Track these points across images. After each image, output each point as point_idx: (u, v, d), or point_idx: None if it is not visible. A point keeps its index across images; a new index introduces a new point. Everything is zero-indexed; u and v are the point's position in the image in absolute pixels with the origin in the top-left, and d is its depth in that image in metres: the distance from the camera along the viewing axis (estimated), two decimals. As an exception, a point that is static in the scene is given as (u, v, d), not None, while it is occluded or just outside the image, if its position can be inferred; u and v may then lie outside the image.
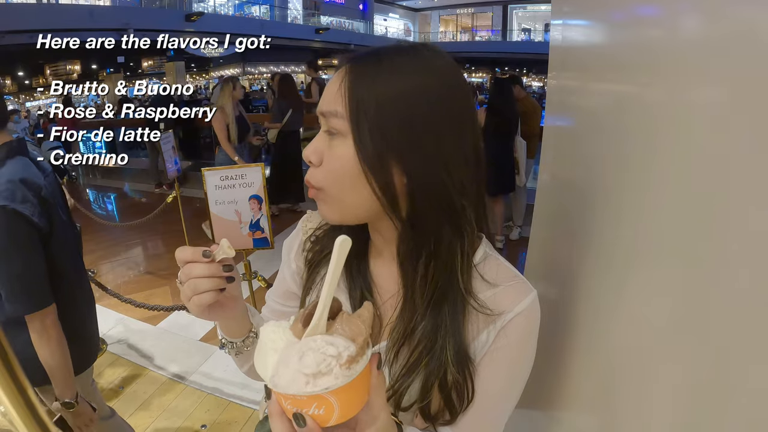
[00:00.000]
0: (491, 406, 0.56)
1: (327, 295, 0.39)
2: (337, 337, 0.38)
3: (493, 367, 0.55)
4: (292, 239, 0.71)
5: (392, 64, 0.51)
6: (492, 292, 0.55)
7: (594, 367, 0.69)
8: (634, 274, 0.58)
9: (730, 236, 0.40)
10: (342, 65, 0.53)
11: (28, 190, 1.08)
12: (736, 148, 0.39)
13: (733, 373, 0.38)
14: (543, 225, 1.11)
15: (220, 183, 2.03)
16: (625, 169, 0.62)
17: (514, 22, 23.98)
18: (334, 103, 0.52)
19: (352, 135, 0.50)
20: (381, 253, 0.62)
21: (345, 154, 0.51)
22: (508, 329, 0.54)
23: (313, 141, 0.54)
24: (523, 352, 0.56)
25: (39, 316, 1.08)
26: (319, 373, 0.36)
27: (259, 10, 18.22)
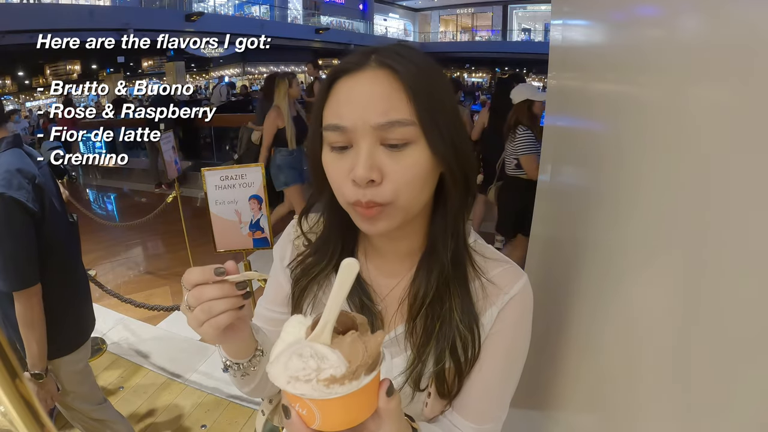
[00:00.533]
0: (495, 386, 0.60)
1: (331, 311, 0.40)
2: (332, 352, 0.38)
3: (493, 349, 0.59)
4: (283, 246, 0.69)
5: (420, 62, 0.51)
6: (492, 273, 0.60)
7: (593, 367, 0.69)
8: (633, 274, 0.58)
9: (729, 236, 0.40)
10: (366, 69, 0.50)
11: (23, 179, 1.20)
12: (736, 148, 0.39)
13: (732, 373, 0.39)
14: (543, 225, 1.11)
15: (220, 183, 2.03)
16: (625, 169, 0.62)
17: (514, 22, 23.97)
18: (395, 111, 0.49)
19: (425, 139, 0.50)
20: (380, 253, 0.62)
21: (419, 161, 0.50)
22: (506, 311, 0.59)
23: (364, 159, 0.49)
24: (520, 332, 0.60)
25: (25, 294, 1.21)
26: (296, 378, 0.37)
27: (259, 10, 18.21)
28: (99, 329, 2.63)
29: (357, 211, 0.52)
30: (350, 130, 0.49)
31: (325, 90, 0.53)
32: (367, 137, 0.49)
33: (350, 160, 0.50)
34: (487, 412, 0.61)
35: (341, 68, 0.52)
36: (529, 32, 23.57)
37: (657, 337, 0.51)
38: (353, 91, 0.50)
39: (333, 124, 0.51)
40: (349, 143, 0.50)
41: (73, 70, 15.56)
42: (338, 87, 0.52)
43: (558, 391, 0.84)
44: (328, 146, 0.53)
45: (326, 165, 0.54)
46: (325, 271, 0.62)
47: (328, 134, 0.52)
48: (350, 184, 0.50)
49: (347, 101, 0.50)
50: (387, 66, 0.50)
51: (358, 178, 0.49)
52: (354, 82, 0.51)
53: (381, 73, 0.50)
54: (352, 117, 0.49)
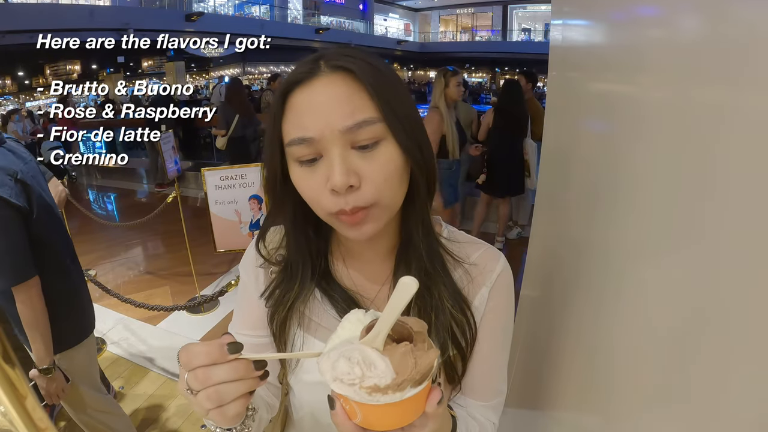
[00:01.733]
0: (496, 362, 0.63)
1: (386, 322, 0.38)
2: (382, 360, 0.37)
3: (492, 326, 0.62)
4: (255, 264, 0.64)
5: (369, 59, 0.51)
6: (471, 258, 0.61)
7: (593, 366, 0.69)
8: (634, 275, 0.58)
9: (729, 236, 0.40)
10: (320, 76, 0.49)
11: (5, 175, 1.21)
12: (736, 148, 0.39)
13: (732, 373, 0.39)
14: (543, 225, 1.11)
15: (220, 183, 2.03)
16: (625, 169, 0.62)
17: (514, 22, 23.97)
18: (359, 111, 0.48)
19: (392, 135, 0.49)
20: (359, 257, 0.62)
21: (392, 157, 0.50)
22: (495, 289, 0.61)
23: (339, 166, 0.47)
24: (510, 306, 0.64)
25: (24, 287, 1.21)
26: (341, 381, 0.37)
27: (259, 10, 18.20)
28: (99, 329, 2.63)
29: (342, 219, 0.50)
30: (317, 140, 0.48)
31: (279, 105, 0.51)
32: (337, 143, 0.48)
33: (323, 171, 0.49)
34: (494, 387, 0.64)
35: (292, 80, 0.50)
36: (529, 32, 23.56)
37: (657, 337, 0.51)
38: (312, 100, 0.49)
39: (298, 137, 0.49)
40: (318, 154, 0.49)
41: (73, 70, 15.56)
42: (294, 99, 0.50)
43: (558, 391, 0.84)
44: (294, 162, 0.51)
45: (297, 181, 0.52)
46: (302, 295, 0.60)
47: (294, 149, 0.50)
48: (328, 194, 0.49)
49: (308, 111, 0.49)
50: (341, 68, 0.49)
51: (337, 186, 0.47)
52: (310, 91, 0.49)
53: (336, 76, 0.49)
54: (317, 126, 0.48)
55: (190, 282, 3.19)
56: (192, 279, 3.17)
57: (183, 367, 0.39)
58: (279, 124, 0.51)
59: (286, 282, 0.61)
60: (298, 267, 0.60)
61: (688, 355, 0.45)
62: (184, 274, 3.36)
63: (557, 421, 0.86)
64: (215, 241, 2.11)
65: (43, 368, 1.27)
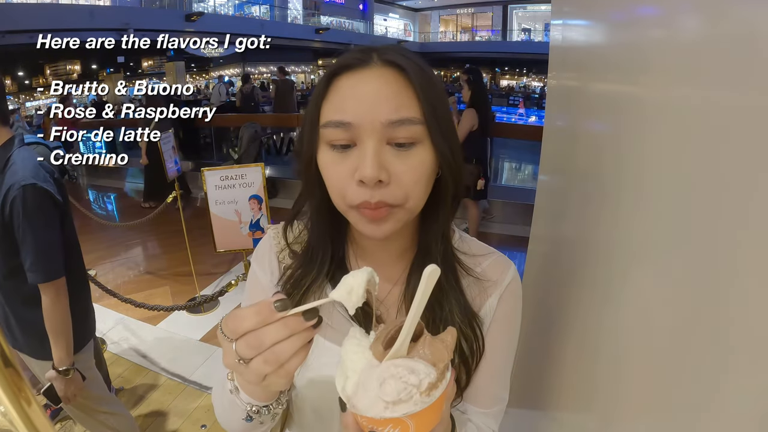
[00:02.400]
0: (500, 371, 0.63)
1: (412, 322, 0.38)
2: (418, 362, 0.37)
3: (499, 335, 0.61)
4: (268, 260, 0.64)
5: (420, 62, 0.51)
6: (481, 267, 0.61)
7: (593, 366, 0.69)
8: (634, 275, 0.58)
9: (729, 236, 0.40)
10: (371, 66, 0.49)
11: (45, 172, 1.23)
12: (736, 148, 0.39)
13: (731, 372, 0.38)
14: (543, 225, 1.11)
15: (220, 183, 2.03)
16: (625, 169, 0.62)
17: (514, 22, 23.96)
18: (405, 109, 0.47)
19: (430, 138, 0.49)
20: (372, 257, 0.61)
21: (424, 161, 0.49)
22: (505, 297, 0.61)
23: (372, 158, 0.46)
24: (518, 313, 0.63)
25: (53, 286, 1.21)
26: (399, 400, 0.36)
27: (259, 10, 18.20)
28: (99, 329, 2.63)
29: (363, 213, 0.49)
30: (355, 127, 0.47)
31: (323, 86, 0.51)
32: (375, 135, 0.47)
33: (353, 160, 0.48)
34: (495, 395, 0.64)
35: (342, 64, 0.50)
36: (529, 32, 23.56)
37: (657, 337, 0.51)
38: (359, 87, 0.48)
39: (336, 120, 0.48)
40: (353, 141, 0.48)
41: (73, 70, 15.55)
42: (340, 83, 0.49)
43: (558, 391, 0.84)
44: (326, 145, 0.50)
45: (325, 165, 0.51)
46: (318, 281, 0.60)
47: (329, 131, 0.49)
48: (354, 185, 0.48)
49: (353, 97, 0.48)
50: (394, 64, 0.49)
51: (366, 178, 0.46)
52: (359, 79, 0.49)
53: (388, 71, 0.49)
54: (358, 113, 0.47)
55: (190, 282, 3.19)
56: (192, 279, 3.17)
57: (229, 336, 0.38)
58: (320, 104, 0.51)
59: (305, 266, 0.60)
60: (318, 252, 0.60)
61: (689, 355, 0.45)
62: (184, 274, 3.36)
63: (557, 421, 0.86)
64: (215, 241, 2.11)
65: (63, 369, 1.26)
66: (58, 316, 1.23)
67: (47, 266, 1.20)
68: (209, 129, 6.76)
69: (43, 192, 1.18)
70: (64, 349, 1.26)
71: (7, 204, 1.15)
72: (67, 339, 1.26)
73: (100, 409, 1.49)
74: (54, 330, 1.24)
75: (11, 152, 1.20)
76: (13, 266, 1.21)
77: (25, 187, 1.15)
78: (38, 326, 1.27)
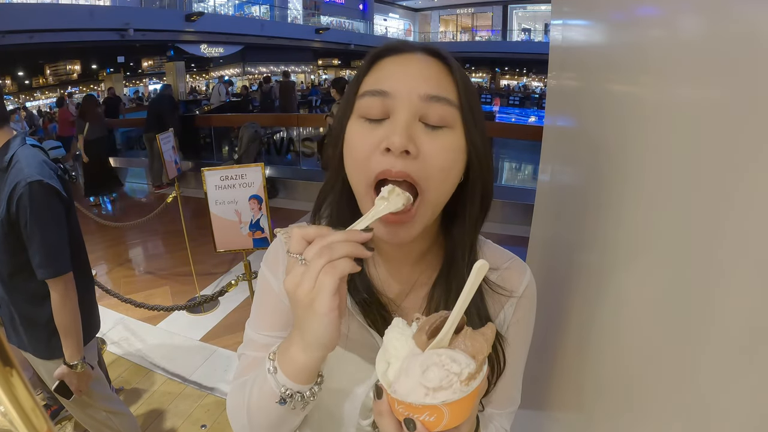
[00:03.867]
0: (515, 372, 0.63)
1: (458, 313, 0.40)
2: (459, 353, 0.39)
3: (516, 338, 0.62)
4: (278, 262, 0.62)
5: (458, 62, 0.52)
6: (497, 274, 0.60)
7: (593, 366, 0.69)
8: (634, 275, 0.58)
9: (729, 237, 0.40)
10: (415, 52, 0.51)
11: (51, 170, 1.23)
12: (737, 148, 0.39)
13: (731, 372, 0.39)
14: (543, 225, 1.11)
15: (220, 183, 2.03)
16: (625, 169, 0.62)
17: (514, 22, 23.98)
18: (443, 89, 0.48)
19: (463, 126, 0.50)
20: (390, 258, 0.60)
21: (453, 145, 0.49)
22: (521, 303, 0.61)
23: (403, 128, 0.46)
24: (532, 318, 0.64)
25: (63, 280, 1.23)
26: (440, 387, 0.38)
27: (259, 10, 18.21)
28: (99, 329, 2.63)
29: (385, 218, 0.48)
30: (392, 96, 0.48)
31: (366, 65, 0.52)
32: (410, 108, 0.47)
33: (383, 132, 0.48)
34: (509, 396, 0.64)
35: (386, 47, 0.52)
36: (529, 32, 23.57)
37: (657, 337, 0.51)
38: (402, 65, 0.50)
39: (374, 89, 0.49)
40: (386, 114, 0.48)
41: (73, 70, 15.56)
42: (383, 63, 0.51)
43: (558, 391, 0.84)
44: (358, 118, 0.50)
45: (352, 135, 0.50)
46: None
47: (365, 101, 0.49)
48: (379, 154, 0.47)
49: (394, 72, 0.50)
50: (436, 54, 0.51)
51: (395, 145, 0.45)
52: (402, 60, 0.51)
53: (430, 58, 0.51)
54: (397, 85, 0.48)
55: (190, 282, 3.20)
56: (192, 279, 3.18)
57: (292, 247, 0.43)
58: (360, 80, 0.52)
59: None
60: None
61: (689, 354, 0.45)
62: (184, 274, 3.36)
63: (557, 421, 0.86)
64: (215, 241, 2.11)
65: (74, 364, 1.28)
66: (67, 311, 1.24)
67: (56, 262, 1.21)
68: (209, 129, 6.76)
69: (50, 188, 1.19)
70: (75, 344, 1.28)
71: (14, 201, 1.15)
72: (77, 333, 1.28)
73: (103, 408, 1.49)
74: (64, 325, 1.25)
75: (14, 151, 1.21)
76: (19, 264, 1.21)
77: (32, 183, 1.15)
78: (44, 325, 1.28)
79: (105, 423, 1.50)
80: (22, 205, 1.15)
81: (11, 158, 1.19)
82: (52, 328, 1.28)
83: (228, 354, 2.52)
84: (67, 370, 1.28)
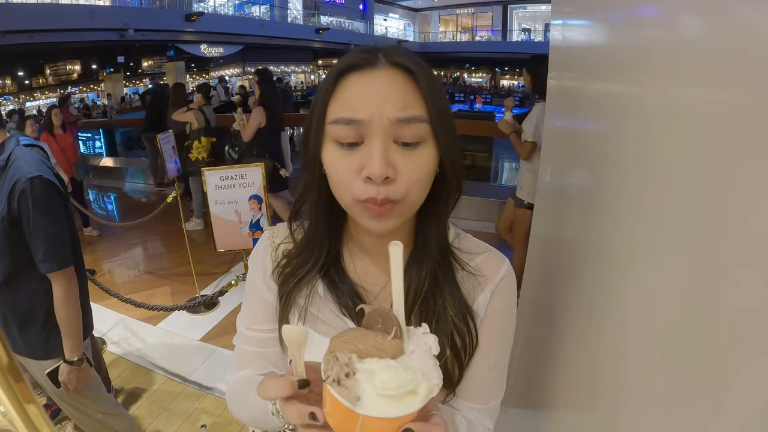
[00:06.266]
0: (495, 365, 0.63)
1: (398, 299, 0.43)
2: None
3: (492, 328, 0.62)
4: (263, 258, 0.66)
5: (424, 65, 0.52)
6: (474, 263, 0.62)
7: (593, 366, 0.69)
8: (633, 275, 0.58)
9: (729, 237, 0.40)
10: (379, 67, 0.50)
11: (48, 168, 1.26)
12: (736, 149, 0.39)
13: (730, 372, 0.39)
14: (543, 225, 1.11)
15: (220, 183, 2.03)
16: (625, 169, 0.62)
17: (514, 22, 23.99)
18: (412, 107, 0.49)
19: (434, 138, 0.51)
20: (367, 253, 0.63)
21: (428, 159, 0.51)
22: (497, 293, 0.62)
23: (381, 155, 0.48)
24: (510, 310, 0.64)
25: (65, 274, 1.25)
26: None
27: (259, 10, 18.22)
28: (99, 329, 2.63)
29: (368, 208, 0.51)
30: (365, 124, 0.49)
31: (331, 84, 0.52)
32: (383, 133, 0.48)
33: (360, 157, 0.49)
34: (489, 390, 0.64)
35: (350, 63, 0.51)
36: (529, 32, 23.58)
37: (656, 337, 0.51)
38: (368, 87, 0.50)
39: (346, 117, 0.49)
40: (360, 139, 0.49)
41: (73, 70, 15.56)
42: (348, 82, 0.51)
43: (557, 391, 0.84)
44: (332, 142, 0.51)
45: (331, 162, 0.52)
46: (311, 273, 0.61)
47: (337, 128, 0.50)
48: (361, 181, 0.49)
49: (362, 96, 0.49)
50: (400, 66, 0.50)
51: (375, 175, 0.48)
52: (368, 78, 0.50)
53: (395, 72, 0.50)
54: (368, 111, 0.48)
55: (190, 282, 3.19)
56: (192, 279, 3.17)
57: None
58: (327, 101, 0.52)
59: (302, 256, 0.62)
60: (316, 246, 0.61)
61: (690, 354, 0.45)
62: (184, 274, 3.36)
63: (557, 421, 0.86)
64: (215, 241, 2.11)
65: (76, 360, 1.30)
66: (70, 306, 1.26)
67: (59, 255, 1.23)
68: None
69: (50, 183, 1.21)
70: (76, 339, 1.29)
71: (15, 197, 1.17)
72: (78, 329, 1.29)
73: (100, 410, 1.49)
74: (66, 320, 1.26)
75: (11, 150, 1.23)
76: (18, 262, 1.23)
77: (33, 179, 1.17)
78: (41, 325, 1.28)
79: (103, 423, 1.50)
80: (24, 200, 1.16)
81: (8, 157, 1.22)
82: (50, 328, 1.28)
83: (228, 354, 2.52)
84: (67, 367, 1.29)
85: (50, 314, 1.28)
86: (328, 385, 0.39)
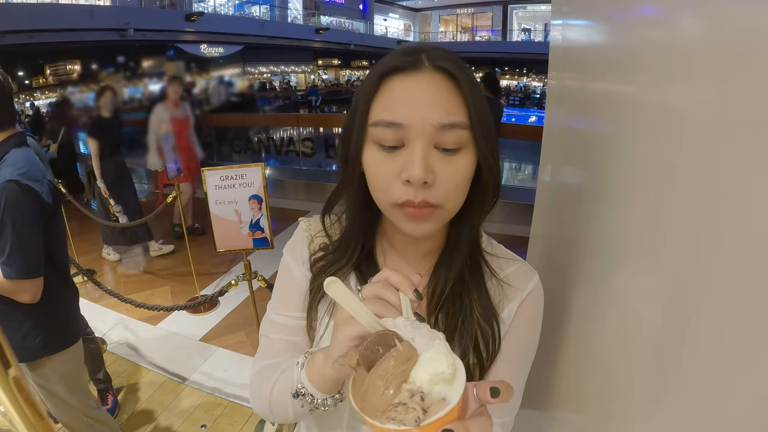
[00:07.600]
0: (513, 380, 0.61)
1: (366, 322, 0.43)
2: None
3: (516, 339, 0.61)
4: (301, 248, 0.67)
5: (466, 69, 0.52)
6: (504, 272, 0.62)
7: (592, 366, 0.69)
8: (633, 274, 0.58)
9: (727, 237, 0.40)
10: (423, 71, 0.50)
11: (38, 173, 1.24)
12: (736, 149, 0.39)
13: (730, 372, 0.39)
14: (543, 225, 1.11)
15: (220, 183, 2.03)
16: (624, 169, 0.62)
17: (514, 22, 24.00)
18: (455, 113, 0.49)
19: (474, 144, 0.51)
20: (400, 254, 0.63)
21: (467, 165, 0.51)
22: (525, 305, 0.61)
23: (421, 159, 0.48)
24: (537, 324, 0.64)
25: (30, 285, 1.22)
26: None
27: (259, 10, 18.21)
28: (99, 329, 2.63)
29: (405, 211, 0.51)
30: (407, 128, 0.49)
31: (374, 85, 0.52)
32: (424, 138, 0.49)
33: (400, 160, 0.50)
34: (507, 405, 0.63)
35: (393, 65, 0.51)
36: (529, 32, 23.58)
37: (656, 337, 0.51)
38: (412, 90, 0.50)
39: (387, 120, 0.50)
40: (401, 142, 0.50)
41: (73, 70, 15.55)
42: (391, 84, 0.51)
43: (557, 391, 0.84)
44: (374, 144, 0.52)
45: (370, 163, 0.52)
46: (343, 270, 0.62)
47: (379, 131, 0.50)
48: (400, 184, 0.50)
49: (405, 99, 0.50)
50: (444, 70, 0.50)
51: (414, 179, 0.48)
52: (411, 82, 0.50)
53: (439, 76, 0.50)
54: (410, 115, 0.49)
55: (190, 282, 3.19)
56: (192, 279, 3.17)
57: None
58: (370, 103, 0.52)
59: (337, 253, 0.63)
60: (351, 243, 0.62)
61: (689, 354, 0.45)
62: (184, 274, 3.36)
63: (557, 421, 0.86)
64: (215, 241, 2.11)
65: None
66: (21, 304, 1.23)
67: (22, 263, 1.19)
68: (209, 129, 6.78)
69: (27, 189, 1.19)
70: None
71: None
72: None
73: (87, 414, 1.52)
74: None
75: (9, 150, 1.23)
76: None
77: (9, 182, 1.17)
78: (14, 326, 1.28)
79: (87, 426, 1.53)
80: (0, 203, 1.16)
81: (2, 158, 1.22)
82: (27, 329, 1.28)
83: (228, 354, 2.52)
84: None
85: (27, 315, 1.28)
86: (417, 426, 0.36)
